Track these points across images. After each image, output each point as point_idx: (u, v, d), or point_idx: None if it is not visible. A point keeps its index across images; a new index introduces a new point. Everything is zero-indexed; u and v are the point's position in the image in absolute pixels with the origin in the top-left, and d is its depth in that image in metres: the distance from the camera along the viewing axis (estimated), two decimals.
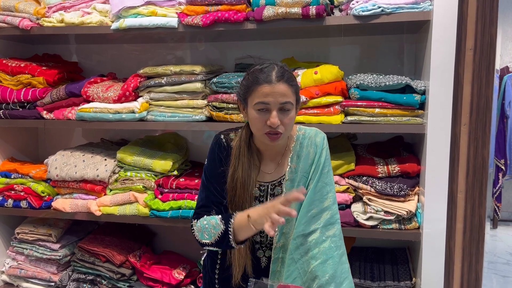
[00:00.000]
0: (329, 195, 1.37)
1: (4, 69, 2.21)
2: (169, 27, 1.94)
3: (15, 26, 2.10)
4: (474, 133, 1.74)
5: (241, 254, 1.35)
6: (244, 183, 1.33)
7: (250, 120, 1.31)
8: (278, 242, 1.38)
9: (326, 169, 1.37)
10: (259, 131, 1.29)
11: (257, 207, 1.27)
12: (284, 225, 1.33)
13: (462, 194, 1.77)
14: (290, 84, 1.28)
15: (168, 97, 2.03)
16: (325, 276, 1.30)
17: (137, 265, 2.16)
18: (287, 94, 1.26)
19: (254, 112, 1.28)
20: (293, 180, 1.36)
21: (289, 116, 1.28)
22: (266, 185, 1.39)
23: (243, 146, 1.35)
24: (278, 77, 1.26)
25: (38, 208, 2.16)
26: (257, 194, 1.39)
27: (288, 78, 1.28)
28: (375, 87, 1.80)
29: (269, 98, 1.25)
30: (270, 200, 1.37)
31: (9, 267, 2.33)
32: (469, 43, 1.72)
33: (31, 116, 2.17)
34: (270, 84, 1.25)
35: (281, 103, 1.25)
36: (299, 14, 1.78)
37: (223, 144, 1.39)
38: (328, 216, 1.35)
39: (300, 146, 1.38)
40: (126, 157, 2.09)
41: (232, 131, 1.43)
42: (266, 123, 1.26)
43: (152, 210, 2.03)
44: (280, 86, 1.25)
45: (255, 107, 1.27)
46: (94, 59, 2.50)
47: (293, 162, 1.37)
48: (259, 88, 1.26)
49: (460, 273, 1.80)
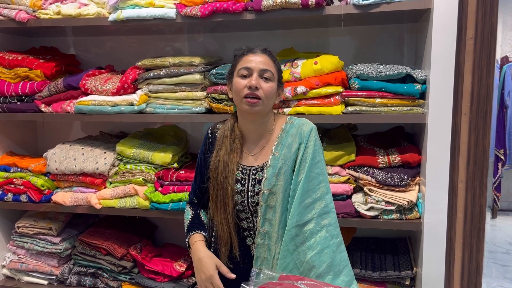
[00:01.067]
0: (322, 185, 1.40)
1: (1, 62, 2.19)
2: (167, 18, 1.92)
3: (12, 18, 2.08)
4: (474, 122, 1.73)
5: (225, 233, 1.44)
6: (225, 165, 1.43)
7: (234, 89, 1.42)
8: (262, 228, 1.43)
9: (317, 159, 1.41)
10: (240, 94, 1.38)
11: (203, 255, 1.43)
12: (266, 210, 1.41)
13: (462, 184, 1.76)
14: (271, 58, 1.42)
15: (167, 89, 2.01)
16: (322, 266, 1.32)
17: (138, 257, 2.16)
18: (268, 64, 1.40)
19: (237, 79, 1.40)
20: (274, 166, 1.42)
21: (268, 85, 1.39)
22: (249, 168, 1.45)
23: (227, 131, 1.47)
24: (261, 50, 1.42)
25: (38, 201, 2.16)
26: (239, 177, 1.45)
27: (270, 53, 1.43)
28: (375, 77, 1.79)
29: (251, 63, 1.38)
30: (251, 184, 1.44)
31: (10, 261, 2.33)
32: (470, 32, 1.71)
33: (29, 109, 2.15)
34: (253, 52, 1.41)
35: (261, 69, 1.38)
36: (299, 4, 1.76)
37: (208, 135, 1.53)
38: (322, 205, 1.38)
39: (286, 134, 1.45)
40: (125, 150, 2.08)
41: (221, 123, 1.53)
42: (246, 86, 1.37)
43: (153, 203, 2.03)
44: (263, 55, 1.40)
45: (239, 73, 1.40)
46: (92, 52, 2.48)
47: (277, 150, 1.44)
48: (244, 57, 1.41)
49: (460, 262, 1.81)
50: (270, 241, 1.42)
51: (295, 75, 1.88)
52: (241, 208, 1.46)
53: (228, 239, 1.44)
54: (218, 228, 1.45)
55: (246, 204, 1.45)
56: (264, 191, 1.41)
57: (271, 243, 1.42)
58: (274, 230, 1.41)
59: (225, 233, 1.44)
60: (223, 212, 1.43)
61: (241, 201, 1.45)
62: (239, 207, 1.46)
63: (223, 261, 1.44)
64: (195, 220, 1.54)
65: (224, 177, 1.42)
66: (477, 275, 1.81)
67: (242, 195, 1.44)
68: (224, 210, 1.43)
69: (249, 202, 1.44)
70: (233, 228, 1.44)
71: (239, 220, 1.47)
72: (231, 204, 1.43)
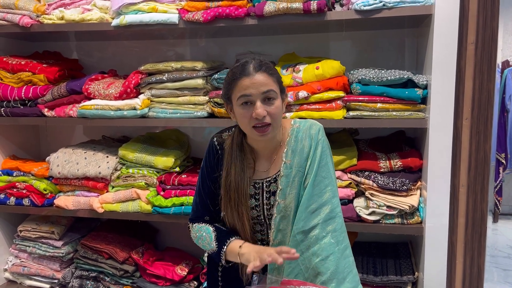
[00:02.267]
0: (328, 189, 1.35)
1: (5, 67, 2.20)
2: (169, 23, 1.93)
3: (15, 23, 2.09)
4: (476, 127, 1.74)
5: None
6: (237, 186, 1.34)
7: (238, 119, 1.31)
8: (275, 239, 1.38)
9: (324, 162, 1.35)
10: (247, 126, 1.28)
11: (252, 245, 1.32)
12: (280, 221, 1.36)
13: (464, 188, 1.77)
14: (269, 73, 1.28)
15: (170, 94, 2.02)
16: (327, 273, 1.30)
17: (140, 261, 2.17)
18: (268, 83, 1.26)
19: (239, 109, 1.28)
20: (288, 175, 1.35)
21: (274, 105, 1.27)
22: (261, 182, 1.39)
23: (235, 148, 1.36)
24: (256, 68, 1.26)
25: (41, 205, 2.16)
26: (252, 192, 1.39)
27: (266, 68, 1.28)
28: (376, 82, 1.80)
29: (250, 89, 1.25)
30: (266, 197, 1.39)
31: (12, 264, 2.33)
32: (471, 37, 1.72)
33: (32, 113, 2.17)
34: (249, 76, 1.26)
35: (263, 92, 1.25)
36: (301, 9, 1.78)
37: (215, 147, 1.41)
38: (328, 210, 1.34)
39: (295, 140, 1.37)
40: (128, 154, 2.09)
41: (226, 130, 1.44)
42: (252, 116, 1.26)
43: (155, 207, 2.03)
44: (259, 76, 1.26)
45: (238, 102, 1.27)
46: (94, 56, 2.50)
47: (287, 157, 1.36)
48: (239, 82, 1.26)
49: (462, 267, 1.81)
50: None
51: (297, 80, 1.89)
52: (257, 221, 1.42)
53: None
54: None
55: (262, 218, 1.41)
56: (280, 202, 1.36)
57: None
58: (287, 241, 1.37)
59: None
60: (241, 232, 1.38)
61: (257, 216, 1.40)
62: (254, 221, 1.42)
63: (242, 272, 1.38)
64: (222, 231, 1.40)
65: (236, 198, 1.34)
66: (479, 280, 1.81)
67: (258, 209, 1.39)
68: (242, 231, 1.37)
69: (265, 215, 1.40)
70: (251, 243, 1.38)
71: (254, 232, 1.43)
72: (247, 226, 1.36)
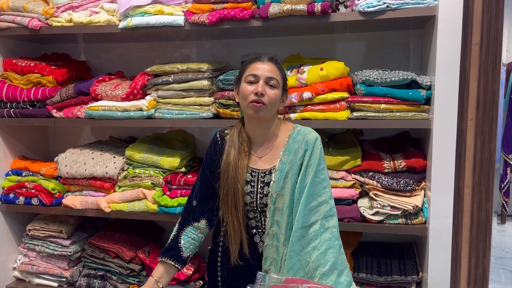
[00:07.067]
0: (326, 190, 1.47)
1: (14, 69, 2.24)
2: (175, 25, 1.96)
3: (24, 26, 2.12)
4: (480, 127, 1.74)
5: (236, 231, 1.49)
6: (236, 165, 1.49)
7: (240, 94, 1.48)
8: (271, 229, 1.49)
9: (321, 166, 1.49)
10: (246, 99, 1.44)
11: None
12: (274, 212, 1.48)
13: (468, 189, 1.77)
14: (278, 67, 1.49)
15: (176, 95, 2.05)
16: (327, 265, 1.39)
17: (146, 260, 2.19)
18: (275, 72, 1.46)
19: (244, 84, 1.46)
20: (281, 170, 1.48)
21: (273, 92, 1.45)
22: (258, 171, 1.51)
23: (235, 135, 1.53)
24: (268, 58, 1.48)
25: (49, 205, 2.20)
26: (248, 178, 1.52)
27: (276, 62, 1.50)
28: (380, 82, 1.80)
29: (258, 71, 1.45)
30: (260, 186, 1.50)
31: (21, 263, 2.37)
32: (475, 38, 1.72)
33: (41, 114, 2.20)
34: (261, 60, 1.47)
35: (268, 77, 1.44)
36: (305, 11, 1.79)
37: (217, 139, 1.59)
38: (327, 208, 1.45)
39: (293, 141, 1.51)
40: (134, 154, 2.12)
41: (229, 128, 1.59)
42: (252, 91, 1.43)
43: (161, 207, 2.05)
44: (270, 64, 1.47)
45: (246, 79, 1.46)
46: (102, 58, 2.53)
47: (284, 155, 1.50)
48: (251, 65, 1.48)
49: (467, 267, 1.81)
50: (278, 243, 1.48)
51: (301, 81, 1.90)
52: (250, 208, 1.52)
53: (239, 237, 1.50)
54: (229, 226, 1.51)
55: (255, 205, 1.51)
56: (272, 194, 1.48)
57: (279, 244, 1.48)
58: (281, 232, 1.48)
59: (236, 231, 1.49)
60: (234, 211, 1.49)
61: (250, 202, 1.51)
62: (248, 207, 1.52)
63: (233, 258, 1.51)
64: (173, 243, 1.54)
65: (234, 177, 1.48)
66: (484, 281, 1.81)
67: (252, 196, 1.50)
68: (235, 209, 1.49)
69: (258, 203, 1.50)
70: (243, 226, 1.50)
71: (248, 219, 1.53)
72: (241, 203, 1.49)
